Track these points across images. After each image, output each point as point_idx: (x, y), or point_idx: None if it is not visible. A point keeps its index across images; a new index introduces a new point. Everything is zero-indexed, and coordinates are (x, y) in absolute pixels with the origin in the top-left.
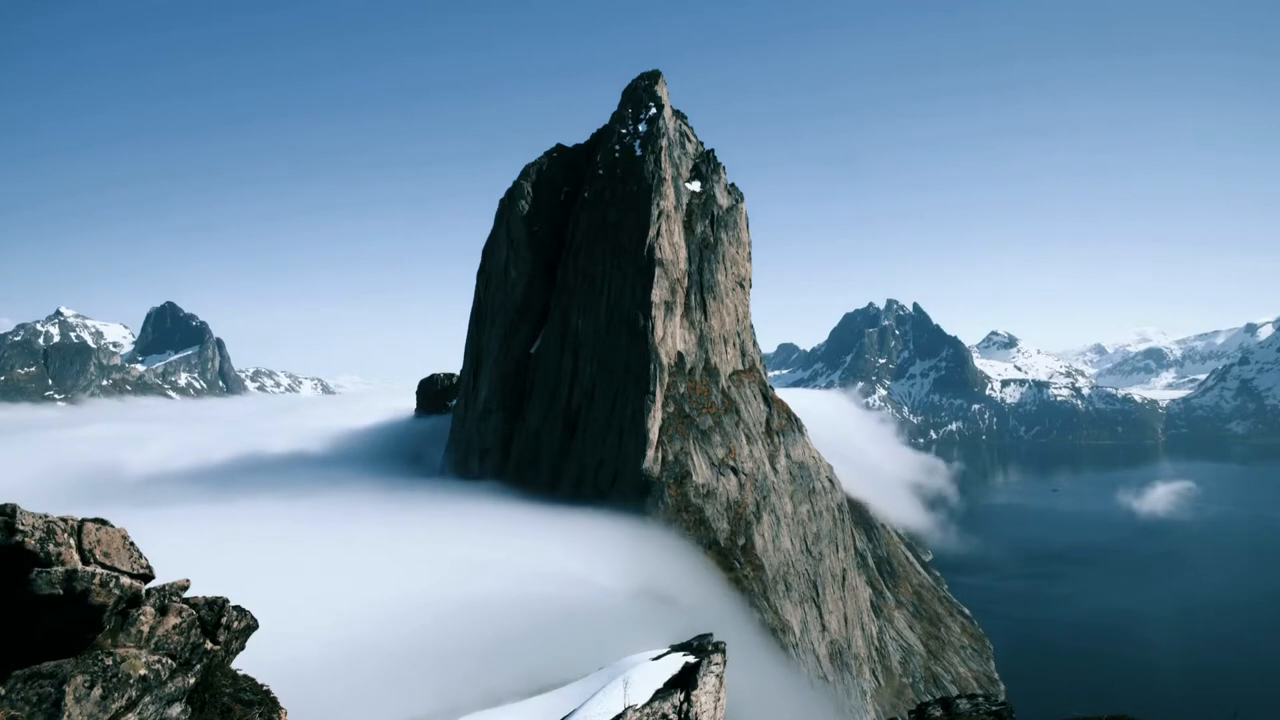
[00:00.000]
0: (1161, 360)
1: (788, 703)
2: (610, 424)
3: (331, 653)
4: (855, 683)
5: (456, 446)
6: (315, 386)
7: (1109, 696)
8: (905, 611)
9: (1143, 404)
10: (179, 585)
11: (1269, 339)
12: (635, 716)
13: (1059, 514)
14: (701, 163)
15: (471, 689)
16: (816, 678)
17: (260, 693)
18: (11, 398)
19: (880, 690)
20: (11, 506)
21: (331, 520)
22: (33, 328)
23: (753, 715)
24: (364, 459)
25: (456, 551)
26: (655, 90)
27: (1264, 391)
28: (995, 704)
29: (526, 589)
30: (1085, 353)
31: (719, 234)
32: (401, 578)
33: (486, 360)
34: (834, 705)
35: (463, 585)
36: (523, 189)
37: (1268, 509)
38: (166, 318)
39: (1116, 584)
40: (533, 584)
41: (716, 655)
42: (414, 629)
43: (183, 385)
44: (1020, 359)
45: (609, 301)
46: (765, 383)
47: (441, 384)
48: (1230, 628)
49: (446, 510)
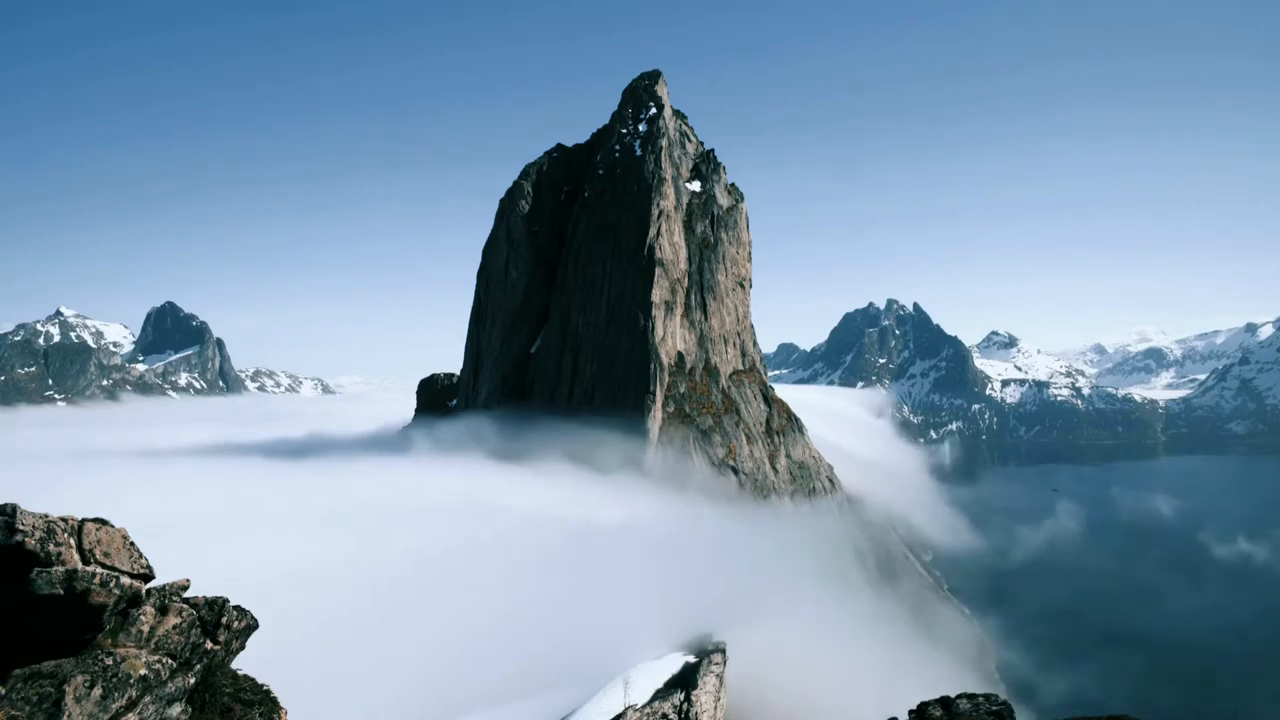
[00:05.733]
0: (1161, 360)
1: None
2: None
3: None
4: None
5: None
6: (315, 386)
7: (1109, 696)
8: (905, 611)
9: (1143, 404)
10: (179, 585)
11: (1269, 339)
12: (635, 716)
13: (1059, 514)
14: (702, 162)
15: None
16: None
17: (260, 692)
18: (11, 398)
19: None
20: (12, 506)
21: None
22: (33, 328)
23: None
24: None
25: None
26: (655, 90)
27: (1264, 391)
28: (995, 704)
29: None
30: (1085, 353)
31: (719, 234)
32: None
33: (487, 360)
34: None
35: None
36: (523, 189)
37: (1268, 508)
38: (166, 318)
39: (1116, 583)
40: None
41: (716, 655)
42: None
43: (183, 385)
44: (1020, 359)
45: (609, 301)
46: (765, 382)
47: (441, 384)
48: (1230, 627)
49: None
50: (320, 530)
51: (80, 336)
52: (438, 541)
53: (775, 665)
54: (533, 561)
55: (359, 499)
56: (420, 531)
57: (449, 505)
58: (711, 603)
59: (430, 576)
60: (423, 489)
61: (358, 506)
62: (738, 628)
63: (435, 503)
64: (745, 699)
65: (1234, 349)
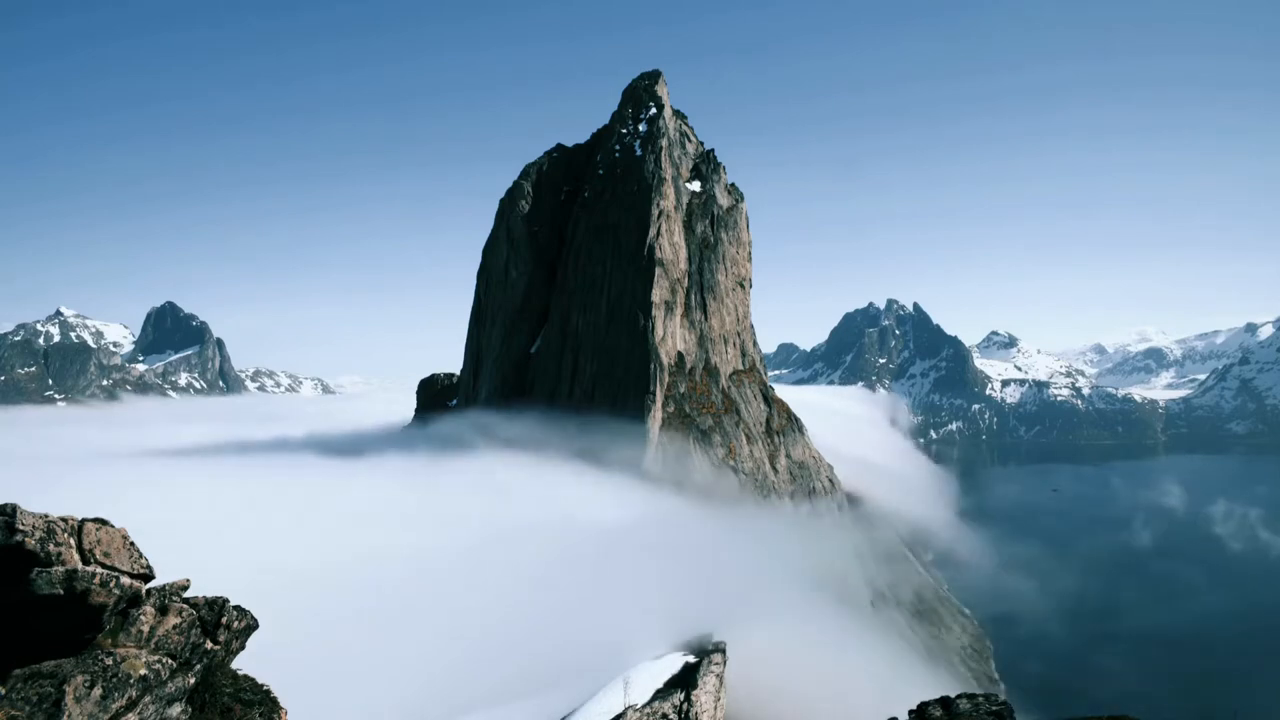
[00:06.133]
0: (1161, 360)
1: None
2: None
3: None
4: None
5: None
6: (315, 386)
7: (1109, 696)
8: (905, 611)
9: (1143, 404)
10: (179, 585)
11: (1269, 339)
12: (635, 716)
13: (1059, 513)
14: (702, 162)
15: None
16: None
17: (260, 692)
18: (11, 398)
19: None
20: (12, 506)
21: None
22: (33, 328)
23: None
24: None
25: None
26: (655, 90)
27: (1264, 391)
28: (995, 704)
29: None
30: (1085, 353)
31: (719, 234)
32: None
33: (487, 360)
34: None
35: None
36: (523, 189)
37: (1267, 507)
38: (166, 318)
39: (1117, 583)
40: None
41: (717, 655)
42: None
43: (183, 385)
44: (1020, 359)
45: (609, 301)
46: (765, 382)
47: (441, 384)
48: (1231, 627)
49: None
50: (320, 530)
51: (80, 336)
52: (437, 541)
53: (776, 665)
54: (533, 561)
55: (359, 499)
56: (420, 531)
57: (448, 505)
58: (711, 603)
59: (430, 576)
60: (422, 489)
61: (357, 506)
62: (738, 628)
63: (434, 503)
64: (745, 699)
65: (1234, 349)
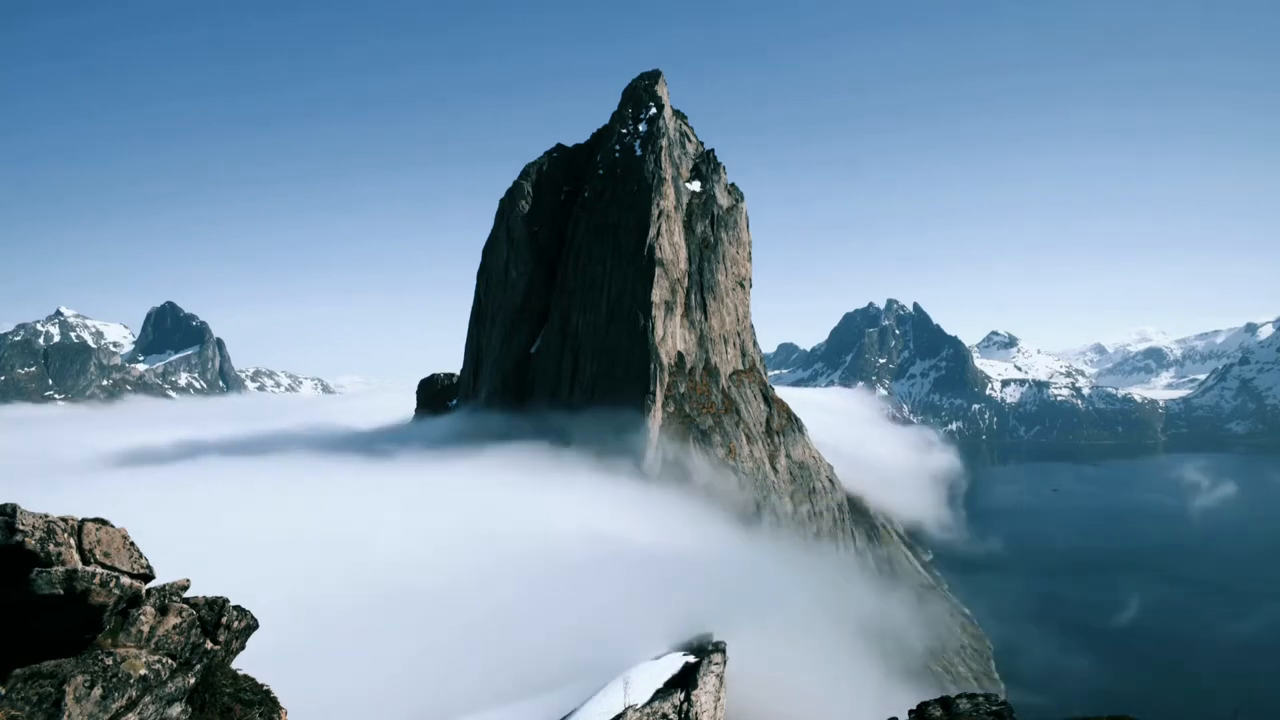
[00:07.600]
0: (1161, 360)
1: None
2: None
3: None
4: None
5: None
6: (315, 386)
7: (1109, 696)
8: (905, 611)
9: (1143, 404)
10: (179, 585)
11: (1269, 339)
12: (635, 716)
13: (1059, 514)
14: (702, 162)
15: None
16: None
17: (260, 692)
18: (11, 398)
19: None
20: (12, 506)
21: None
22: (33, 328)
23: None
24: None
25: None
26: (655, 90)
27: (1264, 391)
28: (995, 704)
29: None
30: (1085, 352)
31: (719, 234)
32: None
33: (487, 360)
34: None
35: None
36: (523, 189)
37: (1268, 507)
38: (166, 318)
39: (1117, 583)
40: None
41: (717, 655)
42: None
43: (183, 385)
44: (1020, 359)
45: (609, 301)
46: (765, 382)
47: (441, 384)
48: (1230, 627)
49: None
50: (320, 530)
51: (80, 336)
52: (437, 541)
53: (776, 665)
54: (532, 561)
55: (359, 499)
56: (420, 531)
57: (448, 505)
58: (711, 603)
59: (430, 577)
60: (422, 489)
61: (357, 506)
62: (738, 628)
63: (434, 503)
64: (746, 699)
65: (1234, 349)
